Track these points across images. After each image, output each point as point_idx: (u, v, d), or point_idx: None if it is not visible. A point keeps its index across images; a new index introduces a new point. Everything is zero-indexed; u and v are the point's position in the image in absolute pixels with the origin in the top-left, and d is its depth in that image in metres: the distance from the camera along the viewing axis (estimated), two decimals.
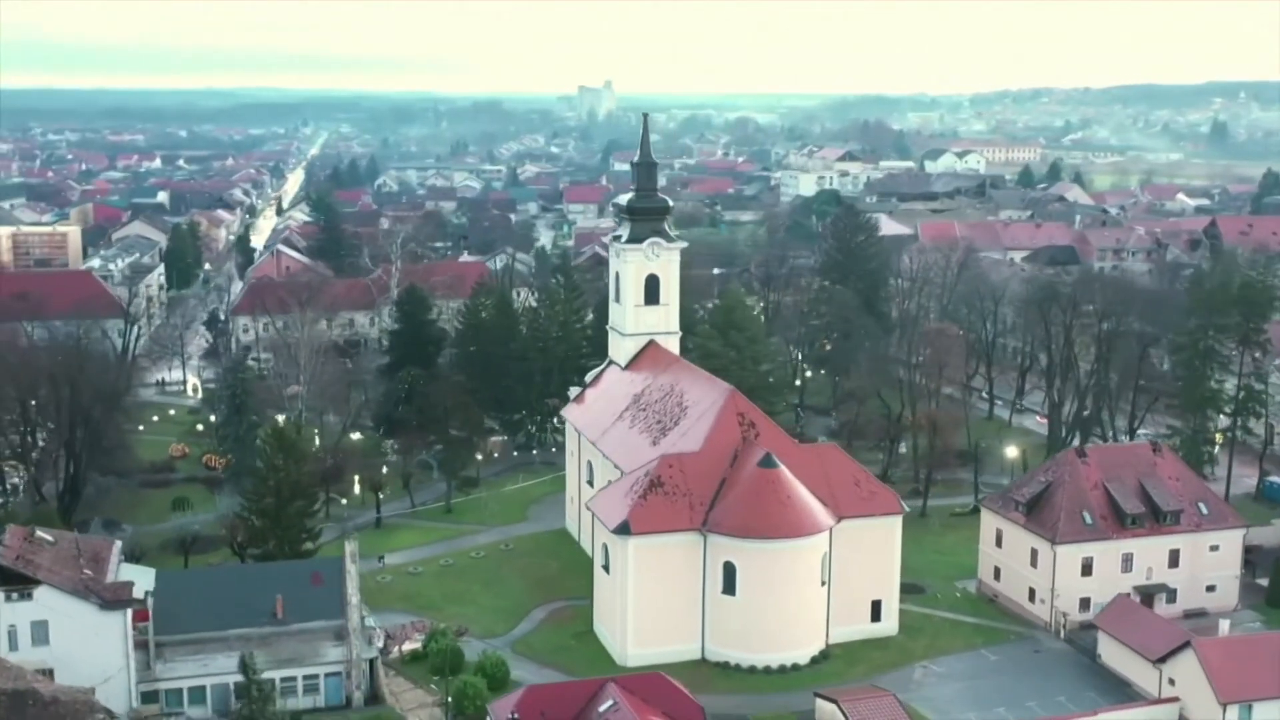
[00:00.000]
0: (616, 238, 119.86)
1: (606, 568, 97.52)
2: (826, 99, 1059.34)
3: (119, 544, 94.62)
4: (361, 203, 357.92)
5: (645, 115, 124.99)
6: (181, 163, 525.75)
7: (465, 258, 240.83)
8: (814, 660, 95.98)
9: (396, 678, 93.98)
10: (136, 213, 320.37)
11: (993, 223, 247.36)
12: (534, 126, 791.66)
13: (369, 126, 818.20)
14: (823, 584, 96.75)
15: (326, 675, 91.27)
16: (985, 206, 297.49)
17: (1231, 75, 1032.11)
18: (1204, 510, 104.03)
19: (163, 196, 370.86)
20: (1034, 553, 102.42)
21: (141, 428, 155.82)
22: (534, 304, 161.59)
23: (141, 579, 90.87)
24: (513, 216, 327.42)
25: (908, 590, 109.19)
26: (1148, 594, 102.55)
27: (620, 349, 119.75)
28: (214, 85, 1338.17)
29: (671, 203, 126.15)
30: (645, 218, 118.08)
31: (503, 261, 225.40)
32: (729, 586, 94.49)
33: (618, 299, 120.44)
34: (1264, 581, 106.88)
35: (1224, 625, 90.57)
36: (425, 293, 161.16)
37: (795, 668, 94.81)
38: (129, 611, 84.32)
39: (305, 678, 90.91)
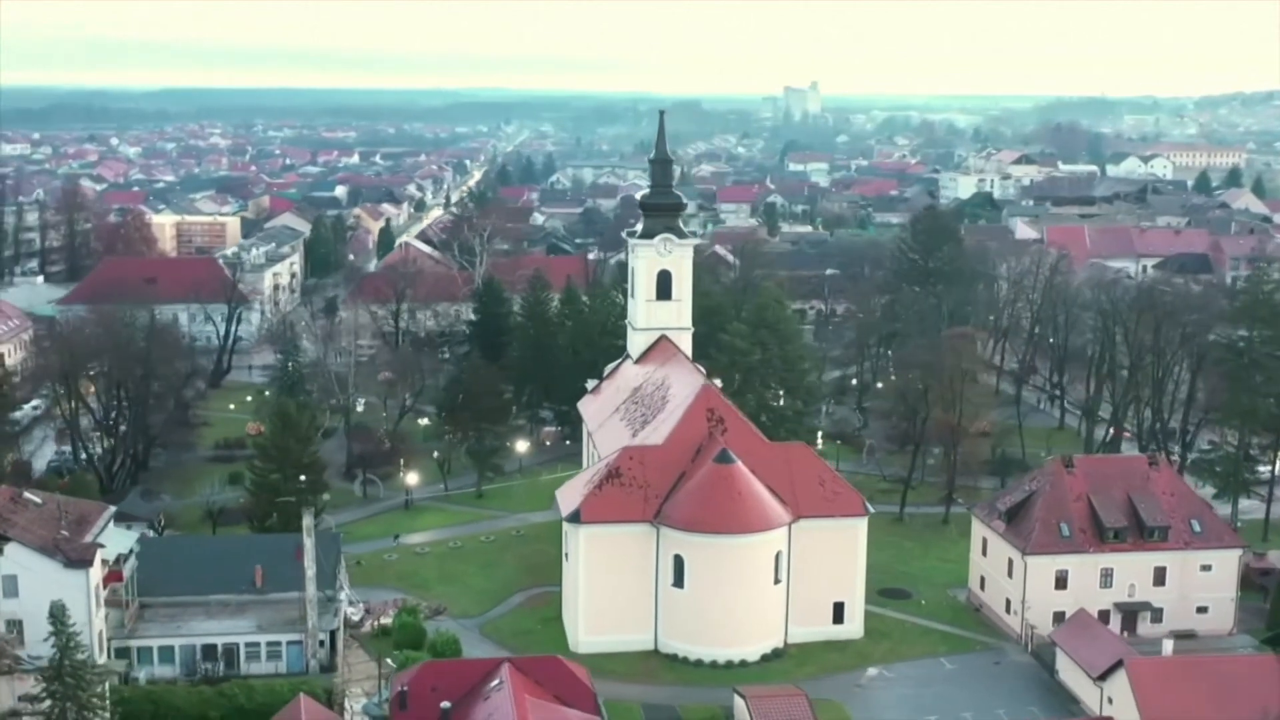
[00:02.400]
0: (632, 233, 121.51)
1: (568, 555, 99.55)
2: (1041, 100, 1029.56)
3: (111, 509, 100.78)
4: (524, 199, 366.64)
5: (662, 114, 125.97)
6: (378, 158, 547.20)
7: (594, 255, 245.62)
8: (764, 658, 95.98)
9: (358, 650, 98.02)
10: (311, 205, 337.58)
11: (1128, 229, 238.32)
12: (730, 127, 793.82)
13: (570, 125, 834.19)
14: (777, 582, 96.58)
15: (289, 643, 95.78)
16: (1141, 212, 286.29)
17: None
18: (1196, 528, 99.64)
19: (340, 191, 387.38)
20: (1010, 563, 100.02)
21: (232, 406, 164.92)
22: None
23: (123, 543, 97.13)
24: None
25: (893, 595, 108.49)
26: (1130, 612, 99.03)
27: (633, 343, 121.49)
28: (438, 85, 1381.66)
29: (685, 200, 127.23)
30: (659, 214, 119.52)
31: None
32: (679, 579, 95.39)
33: (633, 294, 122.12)
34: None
35: (1167, 646, 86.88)
36: (501, 286, 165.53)
37: (744, 664, 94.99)
38: (91, 570, 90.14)
39: (269, 644, 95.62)
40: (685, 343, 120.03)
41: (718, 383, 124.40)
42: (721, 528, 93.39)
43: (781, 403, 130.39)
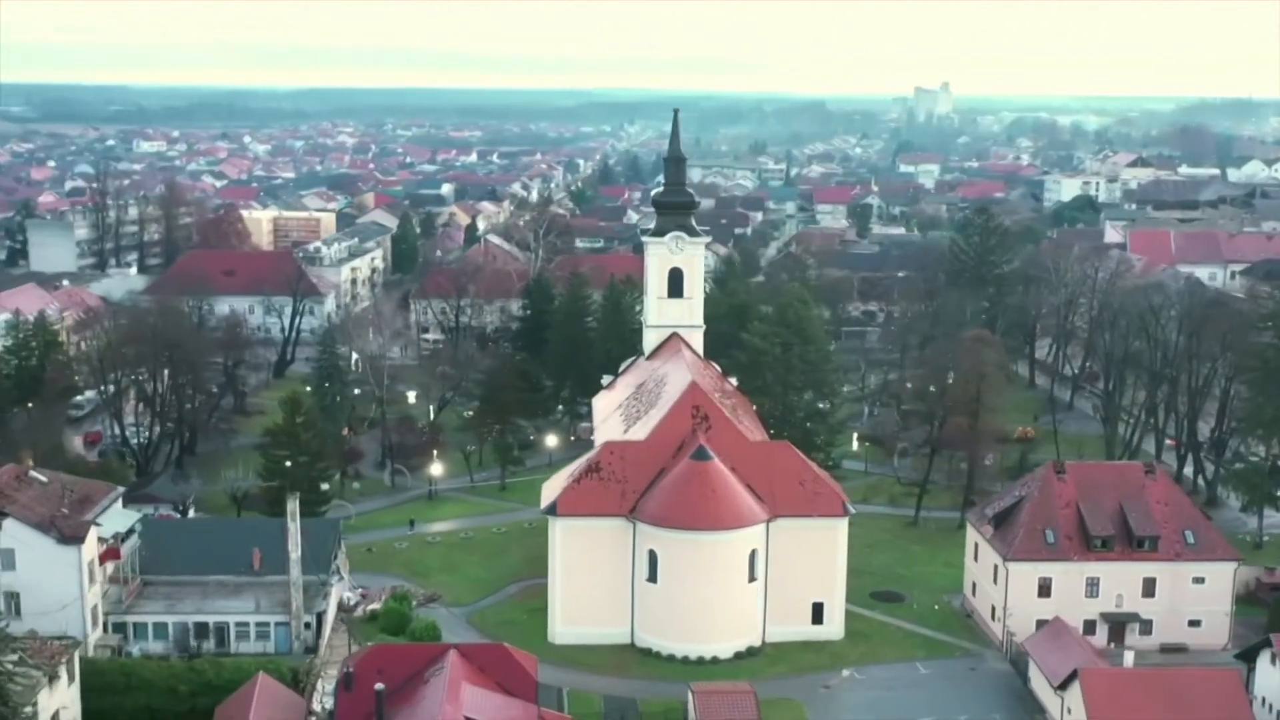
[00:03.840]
0: (645, 231, 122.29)
1: None
2: (1184, 102, 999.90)
3: (118, 490, 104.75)
4: (624, 198, 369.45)
5: (676, 112, 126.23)
6: (495, 157, 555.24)
7: None
8: (738, 655, 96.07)
9: (344, 633, 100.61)
10: (415, 202, 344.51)
11: (1216, 234, 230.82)
12: (853, 128, 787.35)
13: (694, 125, 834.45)
14: (752, 580, 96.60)
15: (276, 624, 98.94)
16: (1246, 217, 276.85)
17: None
18: (1190, 539, 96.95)
19: (447, 188, 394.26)
20: (995, 569, 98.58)
21: (337, 398, 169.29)
22: None
23: (122, 522, 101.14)
24: (759, 214, 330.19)
25: (886, 598, 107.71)
26: (1118, 623, 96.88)
27: (646, 340, 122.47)
28: (572, 85, 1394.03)
29: (698, 198, 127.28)
30: (671, 212, 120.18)
31: None
32: (653, 574, 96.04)
33: (648, 292, 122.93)
34: None
35: (1128, 657, 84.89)
36: (549, 283, 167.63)
37: (715, 661, 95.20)
38: (83, 547, 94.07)
39: (258, 624, 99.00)
40: (696, 340, 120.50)
41: (733, 381, 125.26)
42: (694, 524, 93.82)
43: (805, 400, 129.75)
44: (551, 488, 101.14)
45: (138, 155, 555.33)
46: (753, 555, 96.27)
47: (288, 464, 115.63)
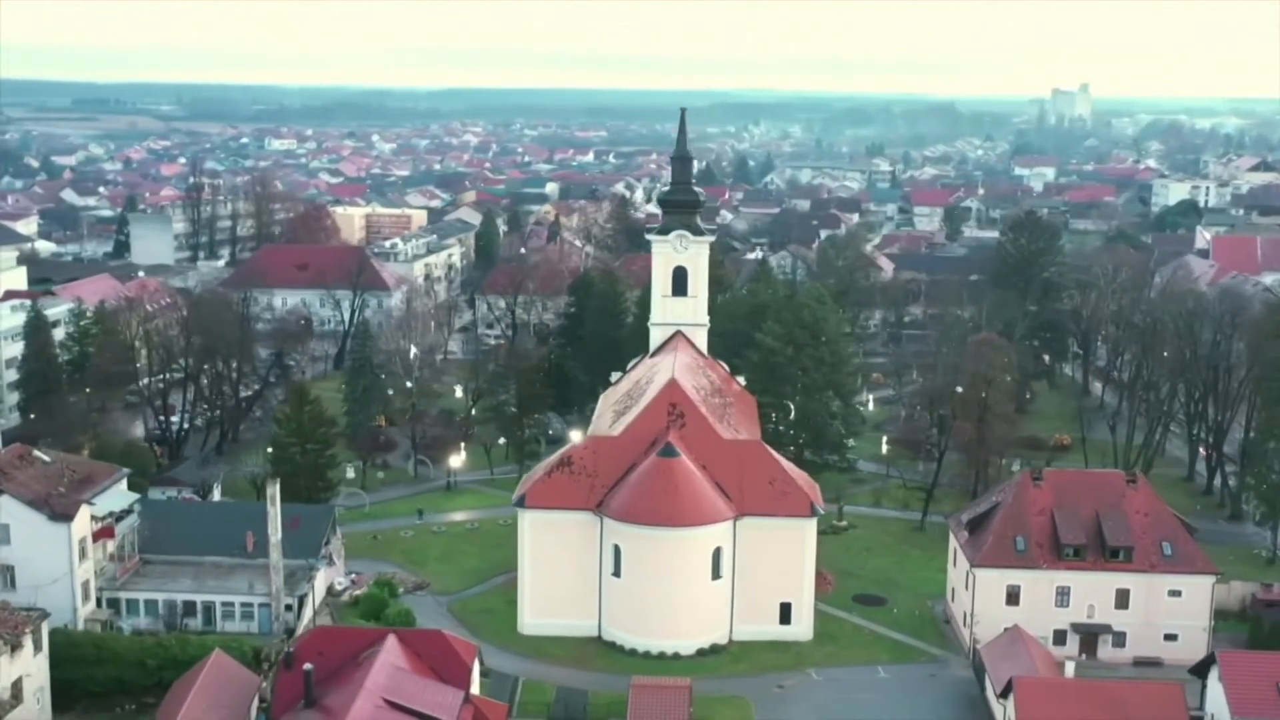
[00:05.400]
0: (649, 229, 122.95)
1: None
2: None
3: (124, 472, 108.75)
4: (723, 199, 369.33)
5: (683, 110, 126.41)
6: (611, 157, 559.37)
7: (755, 254, 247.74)
8: (701, 652, 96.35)
9: (325, 617, 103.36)
10: (517, 200, 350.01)
11: None
12: (981, 130, 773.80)
13: (820, 127, 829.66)
14: (717, 578, 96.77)
15: (259, 605, 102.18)
16: None
17: None
18: (1167, 551, 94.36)
19: (551, 187, 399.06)
20: (967, 575, 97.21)
21: (343, 387, 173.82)
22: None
23: (118, 503, 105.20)
24: (854, 216, 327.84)
25: (867, 601, 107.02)
26: (1090, 634, 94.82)
27: (651, 338, 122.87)
28: (709, 86, 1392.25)
29: (703, 197, 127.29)
30: (676, 210, 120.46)
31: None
32: (618, 569, 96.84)
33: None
34: None
35: (1069, 667, 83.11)
36: (592, 280, 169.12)
37: (677, 656, 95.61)
38: (73, 524, 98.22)
39: (242, 605, 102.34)
40: (700, 339, 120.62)
41: (741, 380, 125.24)
42: (656, 519, 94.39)
43: (821, 401, 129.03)
44: (526, 481, 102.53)
45: (266, 153, 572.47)
46: (717, 553, 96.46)
47: (292, 450, 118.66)
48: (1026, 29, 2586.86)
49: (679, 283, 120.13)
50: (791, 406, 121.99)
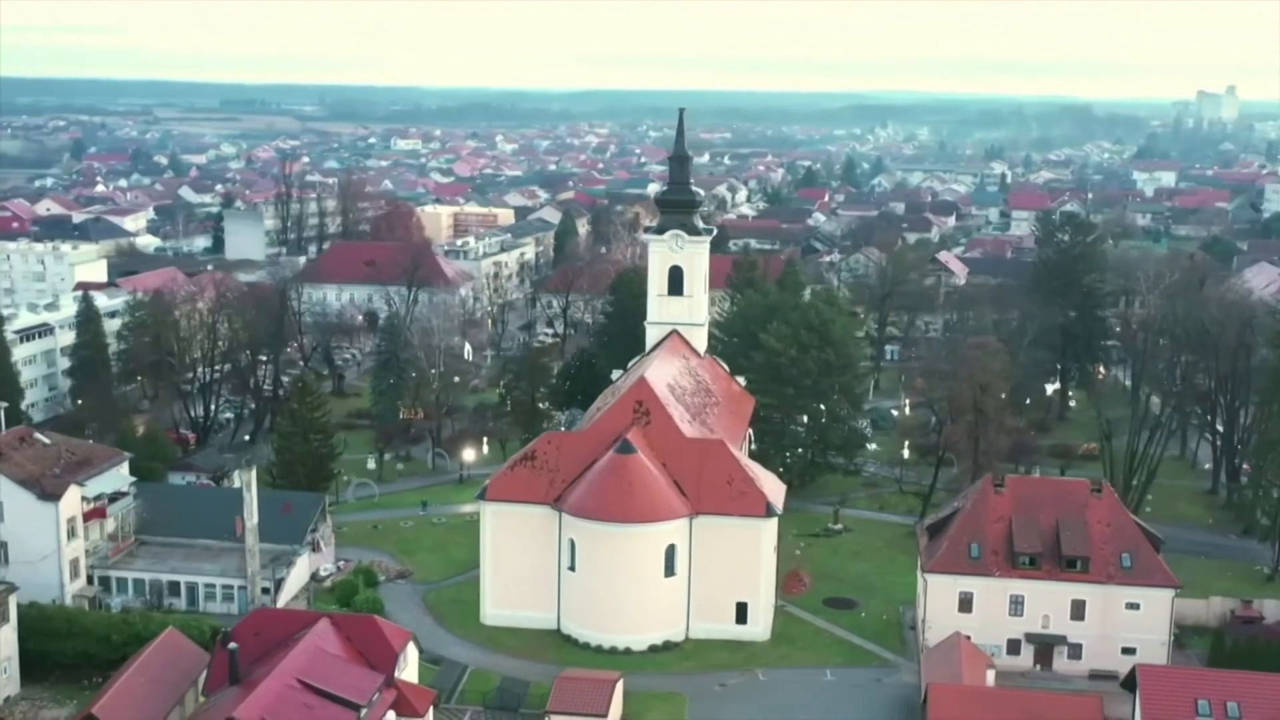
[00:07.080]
0: (648, 229, 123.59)
1: None
2: None
3: (125, 456, 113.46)
4: (821, 201, 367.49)
5: (681, 110, 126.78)
6: (726, 159, 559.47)
7: (828, 257, 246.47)
8: (653, 648, 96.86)
9: (300, 601, 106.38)
10: (615, 200, 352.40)
11: None
12: (1114, 132, 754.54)
13: (948, 130, 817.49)
14: (671, 575, 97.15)
15: (239, 587, 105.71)
16: None
17: None
18: (1126, 563, 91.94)
19: (652, 188, 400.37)
20: (924, 581, 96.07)
21: (391, 381, 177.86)
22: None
23: (111, 485, 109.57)
24: (949, 219, 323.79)
25: (838, 605, 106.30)
26: (1045, 645, 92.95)
27: (649, 337, 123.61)
28: (848, 88, 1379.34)
29: (701, 197, 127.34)
30: (673, 210, 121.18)
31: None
32: (573, 563, 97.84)
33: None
34: None
35: (990, 675, 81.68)
36: (632, 278, 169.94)
37: (629, 651, 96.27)
38: (61, 504, 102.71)
39: (223, 587, 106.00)
40: (697, 338, 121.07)
41: (741, 380, 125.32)
42: (609, 515, 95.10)
43: (830, 403, 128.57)
44: (494, 474, 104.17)
45: (390, 153, 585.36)
46: (671, 550, 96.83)
47: (295, 439, 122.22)
48: (1175, 30, 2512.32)
49: (675, 282, 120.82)
50: (791, 409, 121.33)
